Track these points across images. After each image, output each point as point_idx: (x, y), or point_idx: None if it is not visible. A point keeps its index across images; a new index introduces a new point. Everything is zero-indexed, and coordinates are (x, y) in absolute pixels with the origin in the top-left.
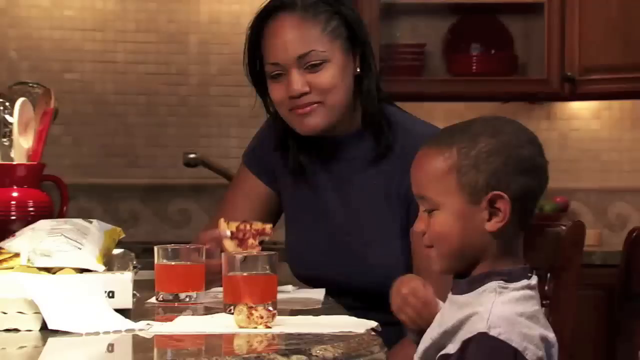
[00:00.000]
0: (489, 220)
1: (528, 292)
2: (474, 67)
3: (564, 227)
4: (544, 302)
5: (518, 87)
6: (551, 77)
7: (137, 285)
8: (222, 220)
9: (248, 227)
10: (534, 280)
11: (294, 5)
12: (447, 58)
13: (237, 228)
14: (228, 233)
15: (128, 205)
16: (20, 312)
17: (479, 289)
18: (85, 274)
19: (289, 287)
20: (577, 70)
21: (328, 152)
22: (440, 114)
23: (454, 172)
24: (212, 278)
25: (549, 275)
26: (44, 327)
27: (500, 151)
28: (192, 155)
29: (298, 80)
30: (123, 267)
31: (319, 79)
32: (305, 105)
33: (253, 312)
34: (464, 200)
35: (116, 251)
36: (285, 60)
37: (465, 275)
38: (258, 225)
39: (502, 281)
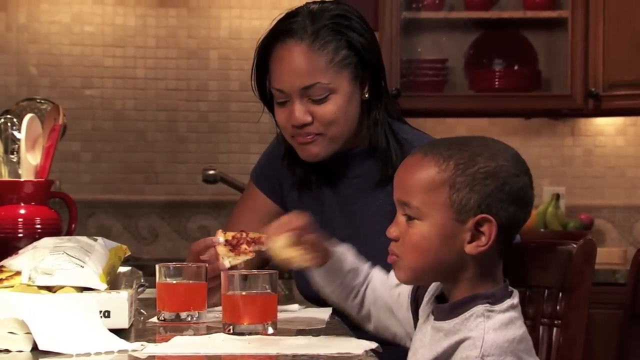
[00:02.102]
0: (470, 242)
1: (513, 313)
2: (497, 83)
3: (574, 246)
4: (555, 322)
5: (541, 103)
6: (575, 93)
7: (145, 303)
8: (219, 230)
9: (244, 235)
10: (515, 298)
11: (303, 33)
12: (469, 74)
13: (233, 237)
14: (221, 239)
15: (148, 222)
16: (11, 333)
17: (465, 313)
18: (78, 293)
19: (295, 306)
20: (601, 85)
21: (335, 169)
22: (462, 130)
23: (447, 186)
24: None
25: (560, 294)
26: (35, 348)
27: (497, 176)
28: (211, 172)
29: (300, 110)
30: (129, 286)
31: (322, 110)
32: (306, 134)
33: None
34: (449, 217)
35: (123, 269)
36: (289, 89)
37: (444, 299)
38: (254, 235)
39: (487, 304)
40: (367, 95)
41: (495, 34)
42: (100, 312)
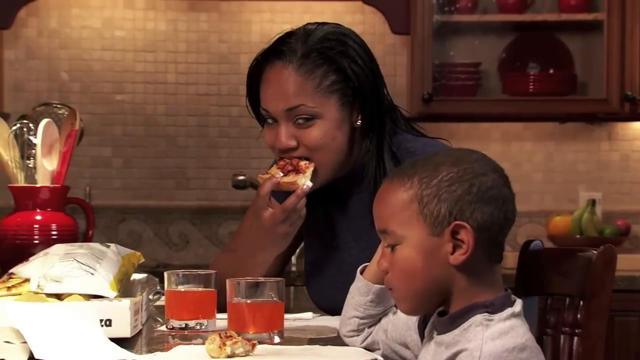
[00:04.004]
0: (453, 252)
1: (514, 321)
2: (531, 87)
3: (594, 252)
4: (576, 330)
5: (577, 107)
6: (611, 97)
7: (161, 310)
8: (260, 176)
9: (286, 160)
10: (518, 306)
11: (292, 55)
12: (503, 77)
13: (279, 166)
14: (280, 173)
15: (178, 228)
16: (7, 342)
17: (464, 324)
18: (77, 302)
19: (309, 314)
20: (638, 89)
21: (339, 185)
22: (496, 135)
23: (416, 203)
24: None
25: (581, 302)
26: (32, 358)
27: (462, 179)
28: (240, 177)
29: (284, 134)
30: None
31: (307, 135)
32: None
33: (226, 342)
34: (426, 232)
35: (139, 276)
36: (274, 111)
37: (446, 313)
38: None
39: (486, 313)
40: (358, 123)
41: (530, 37)
42: (102, 320)
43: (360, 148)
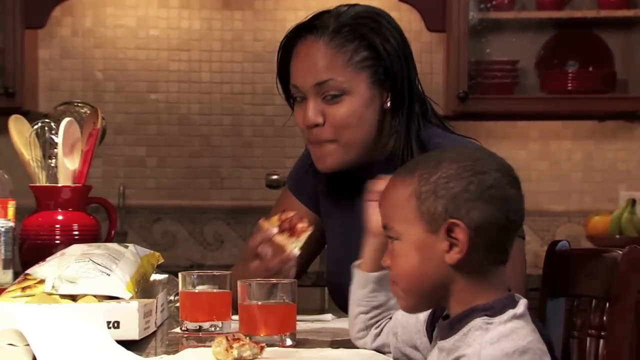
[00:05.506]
0: (449, 251)
1: (516, 323)
2: (570, 85)
3: (620, 253)
4: (602, 333)
5: (617, 105)
6: None
7: None
8: (261, 220)
9: (290, 214)
10: (521, 307)
11: (324, 30)
12: (541, 75)
13: (280, 219)
14: (275, 230)
15: (213, 228)
16: (10, 345)
17: (463, 329)
18: (83, 304)
19: (329, 316)
20: None
21: (362, 177)
22: (535, 134)
23: (414, 199)
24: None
25: (607, 304)
26: None
27: (461, 176)
28: (274, 177)
29: (312, 110)
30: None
31: (335, 111)
32: (318, 142)
33: (233, 345)
34: (423, 229)
35: (159, 277)
36: (304, 86)
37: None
38: (290, 212)
39: (485, 317)
40: (388, 104)
41: (568, 34)
42: (109, 322)
43: (388, 133)
